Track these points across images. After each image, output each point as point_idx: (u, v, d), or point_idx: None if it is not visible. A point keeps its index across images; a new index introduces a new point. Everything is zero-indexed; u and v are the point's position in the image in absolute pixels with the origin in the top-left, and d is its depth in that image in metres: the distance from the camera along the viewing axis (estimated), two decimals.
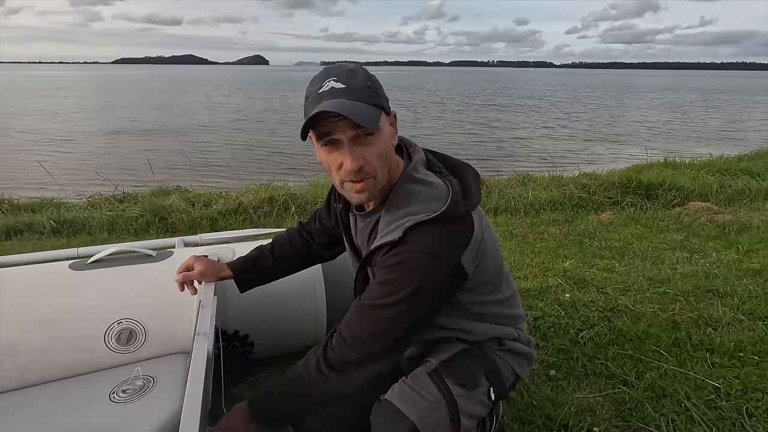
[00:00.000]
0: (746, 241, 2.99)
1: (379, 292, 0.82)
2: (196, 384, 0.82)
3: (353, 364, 0.82)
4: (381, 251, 0.83)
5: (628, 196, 4.11)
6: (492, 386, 0.91)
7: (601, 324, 1.88)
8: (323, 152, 0.80)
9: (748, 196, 4.25)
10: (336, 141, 0.78)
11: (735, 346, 1.71)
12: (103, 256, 1.40)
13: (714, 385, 1.49)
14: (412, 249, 0.79)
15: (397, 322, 0.81)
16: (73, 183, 5.77)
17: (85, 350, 1.25)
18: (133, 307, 1.31)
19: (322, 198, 4.07)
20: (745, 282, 2.29)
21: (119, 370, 1.24)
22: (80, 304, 1.27)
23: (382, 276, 0.82)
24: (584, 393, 1.48)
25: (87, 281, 1.31)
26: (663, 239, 3.12)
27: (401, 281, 0.79)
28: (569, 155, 9.40)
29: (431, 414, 0.81)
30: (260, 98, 26.49)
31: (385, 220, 0.84)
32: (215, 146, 10.44)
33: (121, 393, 1.14)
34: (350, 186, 0.81)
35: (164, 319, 1.33)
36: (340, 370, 0.83)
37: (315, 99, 0.77)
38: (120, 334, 1.28)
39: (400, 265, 0.79)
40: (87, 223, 3.49)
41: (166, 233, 3.44)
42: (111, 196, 4.27)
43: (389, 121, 0.83)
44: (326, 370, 0.83)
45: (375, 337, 0.81)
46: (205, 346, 0.95)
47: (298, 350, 1.64)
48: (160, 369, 1.24)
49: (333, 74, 0.78)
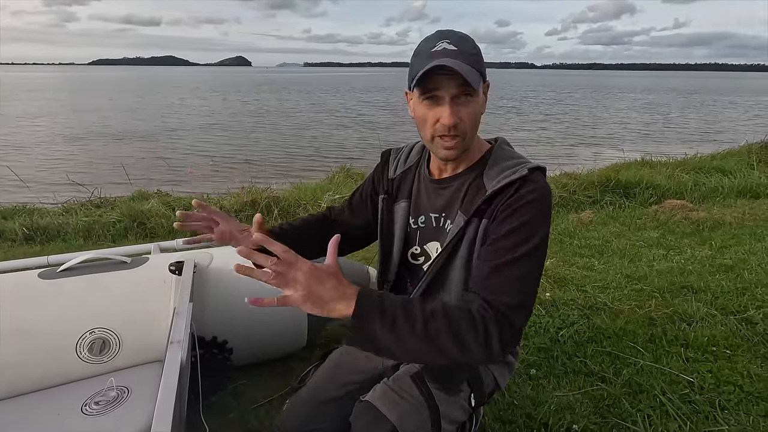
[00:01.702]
0: (719, 238, 3.08)
1: (515, 242, 0.80)
2: (168, 395, 0.81)
3: (516, 336, 0.77)
4: (503, 197, 0.83)
5: (607, 195, 4.19)
6: (473, 392, 0.92)
7: (581, 322, 1.91)
8: (423, 106, 0.85)
9: (720, 193, 4.38)
10: (438, 97, 0.82)
11: (708, 340, 1.75)
12: (75, 263, 1.36)
13: (688, 380, 1.53)
14: (539, 187, 0.83)
15: (537, 271, 0.81)
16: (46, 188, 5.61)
17: (55, 362, 1.21)
18: (105, 315, 1.27)
19: (306, 200, 4.05)
20: (718, 278, 2.36)
21: (92, 381, 1.21)
22: (50, 314, 1.23)
23: (514, 221, 0.81)
24: (564, 391, 1.50)
25: (57, 290, 1.27)
26: (640, 237, 3.19)
27: (533, 223, 0.81)
28: (550, 155, 9.55)
29: (412, 416, 0.81)
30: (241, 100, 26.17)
31: (494, 170, 0.88)
32: (195, 149, 10.27)
33: (93, 405, 1.11)
34: (440, 141, 0.85)
35: (139, 328, 1.30)
36: (505, 341, 0.75)
37: (427, 56, 0.82)
38: (92, 344, 1.24)
39: (531, 204, 0.81)
40: (62, 230, 3.39)
41: (145, 239, 3.36)
42: (87, 201, 4.15)
43: (484, 89, 0.88)
44: (497, 347, 0.74)
45: (527, 290, 0.79)
46: (178, 354, 0.93)
47: (279, 356, 1.62)
48: (134, 379, 1.21)
49: (446, 36, 0.84)
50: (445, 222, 0.93)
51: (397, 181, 1.03)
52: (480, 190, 0.87)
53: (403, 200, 1.01)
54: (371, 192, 1.09)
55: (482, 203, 0.85)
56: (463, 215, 0.88)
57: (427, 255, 0.98)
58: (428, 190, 0.97)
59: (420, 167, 1.02)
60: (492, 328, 0.74)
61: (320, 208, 3.93)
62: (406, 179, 1.02)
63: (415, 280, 1.01)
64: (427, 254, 0.98)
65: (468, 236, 0.87)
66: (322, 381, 1.05)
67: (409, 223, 1.00)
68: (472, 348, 0.73)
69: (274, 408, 1.44)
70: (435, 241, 0.96)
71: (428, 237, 0.97)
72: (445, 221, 0.93)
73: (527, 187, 0.82)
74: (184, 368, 0.96)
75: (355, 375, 1.04)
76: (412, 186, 1.01)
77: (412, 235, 1.00)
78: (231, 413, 1.42)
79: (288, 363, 1.63)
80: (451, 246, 0.88)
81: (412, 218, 1.00)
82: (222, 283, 1.46)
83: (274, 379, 1.58)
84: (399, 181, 1.03)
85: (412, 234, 1.00)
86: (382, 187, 1.05)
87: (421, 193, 0.99)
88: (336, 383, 1.03)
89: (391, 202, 1.03)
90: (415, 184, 1.01)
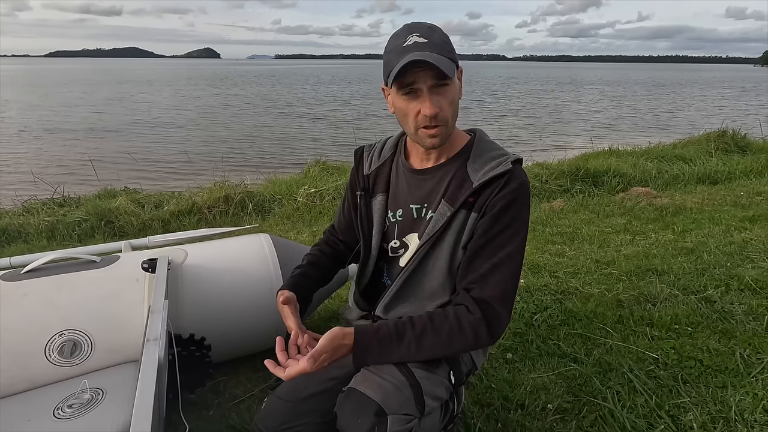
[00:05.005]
0: (681, 222, 3.23)
1: (506, 238, 0.87)
2: (146, 394, 0.79)
3: (505, 323, 0.87)
4: (491, 189, 0.87)
5: (576, 184, 4.32)
6: (452, 370, 0.94)
7: (554, 306, 1.98)
8: (402, 101, 0.87)
9: (682, 180, 4.58)
10: (416, 90, 0.84)
11: (671, 319, 1.85)
12: (40, 264, 1.31)
13: (653, 357, 1.61)
14: (524, 182, 0.88)
15: (521, 262, 0.89)
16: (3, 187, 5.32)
17: (23, 366, 1.16)
18: (76, 317, 1.23)
19: (281, 195, 3.99)
20: (680, 260, 2.48)
21: (64, 385, 1.17)
22: (15, 317, 1.18)
23: (505, 217, 0.87)
24: (539, 373, 1.55)
25: (22, 292, 1.22)
26: (609, 223, 3.31)
27: (522, 219, 0.88)
28: (522, 145, 9.75)
29: (396, 395, 0.82)
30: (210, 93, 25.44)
31: (477, 162, 0.91)
32: (164, 144, 9.93)
33: (66, 408, 1.08)
34: (424, 132, 0.87)
35: (112, 328, 1.26)
36: (497, 335, 0.86)
37: (399, 51, 0.84)
38: (63, 346, 1.20)
39: (519, 200, 0.87)
40: (23, 231, 3.24)
41: (114, 238, 3.25)
42: (49, 199, 3.96)
43: (458, 75, 0.90)
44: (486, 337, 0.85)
45: (515, 285, 0.88)
46: (155, 353, 0.91)
47: (260, 351, 1.61)
48: (109, 380, 1.18)
49: (415, 29, 0.86)
50: (426, 212, 0.95)
51: (372, 177, 1.04)
52: (465, 181, 0.90)
53: (380, 194, 1.02)
54: (351, 193, 1.10)
55: (469, 195, 0.88)
56: (449, 205, 0.90)
57: (406, 246, 0.99)
58: (408, 181, 0.98)
59: (396, 160, 1.03)
60: (481, 329, 0.84)
61: (296, 202, 3.89)
62: (382, 173, 1.03)
63: (393, 272, 1.02)
64: (405, 246, 0.99)
65: (454, 227, 0.90)
66: (301, 378, 1.05)
67: (387, 218, 1.01)
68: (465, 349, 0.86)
69: (255, 403, 1.43)
70: (414, 233, 0.98)
71: (407, 229, 0.99)
72: (426, 211, 0.95)
73: (513, 183, 0.87)
74: (162, 366, 0.94)
75: (336, 370, 1.03)
76: (389, 179, 1.02)
77: (390, 228, 1.01)
78: (211, 410, 1.41)
79: (267, 357, 1.62)
80: (436, 235, 0.90)
81: (390, 211, 1.01)
82: (197, 279, 1.44)
83: (253, 374, 1.57)
84: (375, 176, 1.04)
85: (390, 227, 1.01)
86: (359, 184, 1.06)
87: (399, 185, 1.00)
88: (315, 379, 1.02)
89: (368, 197, 1.04)
90: (392, 176, 1.02)
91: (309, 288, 1.08)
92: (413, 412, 0.82)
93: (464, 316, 0.85)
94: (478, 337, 0.85)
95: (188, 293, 1.41)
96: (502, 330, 0.87)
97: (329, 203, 3.85)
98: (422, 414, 0.85)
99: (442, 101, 0.85)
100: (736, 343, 1.68)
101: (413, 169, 0.98)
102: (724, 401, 1.39)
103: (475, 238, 0.88)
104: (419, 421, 0.84)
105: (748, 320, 1.83)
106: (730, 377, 1.50)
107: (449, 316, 0.85)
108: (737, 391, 1.43)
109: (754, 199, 3.80)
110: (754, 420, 1.32)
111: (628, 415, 1.34)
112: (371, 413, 0.78)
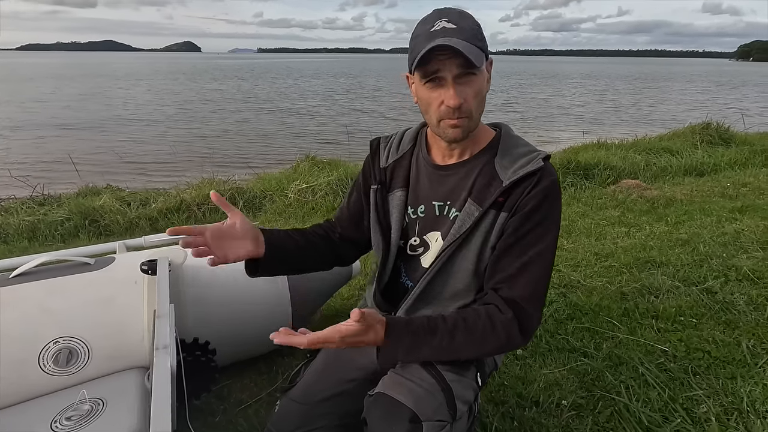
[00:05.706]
0: (673, 214, 3.27)
1: (538, 236, 0.83)
2: (163, 404, 0.73)
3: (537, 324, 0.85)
4: (523, 187, 0.83)
5: (568, 177, 4.34)
6: (478, 371, 0.91)
7: (559, 300, 1.97)
8: (425, 90, 0.82)
9: (670, 172, 4.65)
10: (440, 79, 0.80)
11: (676, 311, 1.86)
12: (30, 267, 1.22)
13: (662, 349, 1.61)
14: (555, 180, 0.84)
15: (551, 263, 0.85)
16: None
17: (16, 377, 1.09)
18: (70, 323, 1.16)
19: (272, 191, 3.90)
20: (677, 251, 2.51)
21: (61, 395, 1.10)
22: (5, 325, 1.10)
23: (538, 216, 0.83)
24: (550, 368, 1.54)
25: (11, 298, 1.14)
26: (603, 216, 3.33)
27: (554, 218, 0.84)
28: None
29: (428, 400, 0.79)
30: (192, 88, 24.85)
31: (506, 159, 0.86)
32: (147, 140, 9.65)
33: (64, 420, 1.01)
34: (446, 123, 0.82)
35: (110, 334, 1.19)
36: (529, 336, 0.84)
37: (426, 37, 0.79)
38: (58, 354, 1.13)
39: (550, 198, 0.83)
40: (2, 231, 3.08)
41: (100, 237, 3.13)
42: (29, 198, 3.79)
43: (487, 67, 0.84)
44: (519, 338, 0.82)
45: (545, 284, 0.85)
46: (167, 361, 0.85)
47: (264, 353, 1.55)
48: (109, 389, 1.11)
49: (444, 14, 0.81)
50: (449, 210, 0.90)
51: (390, 170, 0.98)
52: (493, 179, 0.85)
53: (399, 189, 0.96)
54: (365, 186, 1.03)
55: (500, 195, 0.84)
56: (477, 205, 0.85)
57: (426, 245, 0.95)
58: (430, 177, 0.93)
59: (416, 154, 0.97)
60: (513, 329, 0.81)
61: (287, 198, 3.81)
62: (401, 167, 0.97)
63: (411, 272, 0.98)
64: (426, 244, 0.95)
65: (483, 227, 0.85)
66: (316, 379, 1.00)
67: (407, 213, 0.96)
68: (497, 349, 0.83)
69: (263, 408, 1.37)
70: (435, 231, 0.93)
71: (428, 227, 0.94)
72: (450, 209, 0.90)
73: (545, 181, 0.83)
74: (174, 375, 0.88)
75: (352, 372, 0.99)
76: (409, 174, 0.97)
77: (410, 225, 0.96)
78: (217, 416, 1.35)
79: (272, 360, 1.57)
80: (464, 235, 0.85)
81: (411, 208, 0.96)
82: (199, 281, 1.37)
83: (258, 377, 1.51)
84: (392, 170, 0.98)
85: (410, 224, 0.96)
86: (374, 177, 1.00)
87: (420, 180, 0.95)
88: (331, 381, 0.98)
89: (384, 191, 0.98)
90: (412, 171, 0.96)
91: (282, 239, 0.95)
92: (446, 418, 0.79)
93: (496, 315, 0.81)
94: (510, 337, 0.81)
95: (190, 295, 1.34)
96: (533, 330, 0.84)
97: (322, 199, 3.78)
98: (454, 419, 0.81)
99: (468, 92, 0.80)
100: (740, 334, 1.70)
101: (436, 164, 0.93)
102: (735, 392, 1.40)
103: (504, 236, 0.85)
104: (451, 427, 0.80)
105: (749, 311, 1.85)
106: (738, 368, 1.51)
107: (481, 315, 0.81)
108: (746, 381, 1.44)
109: (740, 190, 3.88)
110: (766, 410, 1.32)
111: (643, 409, 1.33)
112: (405, 420, 0.74)
